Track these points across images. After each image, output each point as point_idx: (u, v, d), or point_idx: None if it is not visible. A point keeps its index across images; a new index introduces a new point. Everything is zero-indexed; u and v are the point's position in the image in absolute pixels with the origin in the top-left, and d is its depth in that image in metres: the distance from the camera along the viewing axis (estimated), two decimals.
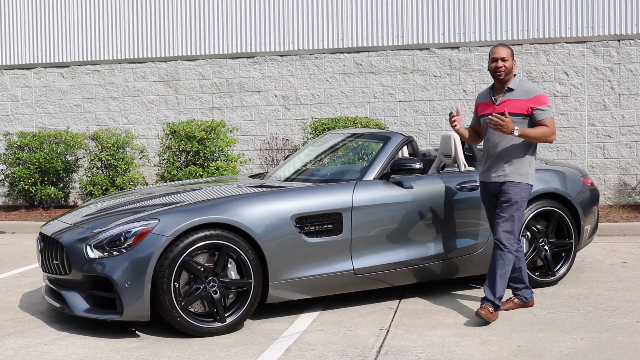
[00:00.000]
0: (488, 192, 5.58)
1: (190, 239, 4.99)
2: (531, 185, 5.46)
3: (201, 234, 5.03)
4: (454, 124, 5.54)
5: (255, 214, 5.21)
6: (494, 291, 5.32)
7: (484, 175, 5.57)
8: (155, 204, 5.52)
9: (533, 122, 5.37)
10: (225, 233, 5.09)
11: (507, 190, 5.38)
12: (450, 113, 5.59)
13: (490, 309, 5.27)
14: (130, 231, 5.01)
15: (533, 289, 6.16)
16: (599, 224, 9.23)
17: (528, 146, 5.42)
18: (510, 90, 5.43)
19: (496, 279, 5.32)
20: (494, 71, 5.44)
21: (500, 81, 5.46)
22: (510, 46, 5.54)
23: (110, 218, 5.37)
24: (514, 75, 5.50)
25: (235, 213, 5.15)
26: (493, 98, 5.51)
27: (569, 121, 10.98)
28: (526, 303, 5.61)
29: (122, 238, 5.01)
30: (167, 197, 5.69)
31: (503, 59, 5.41)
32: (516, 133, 5.27)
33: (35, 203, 11.94)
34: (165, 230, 4.96)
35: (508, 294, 5.74)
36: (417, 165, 5.63)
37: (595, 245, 8.39)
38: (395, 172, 5.74)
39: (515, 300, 5.61)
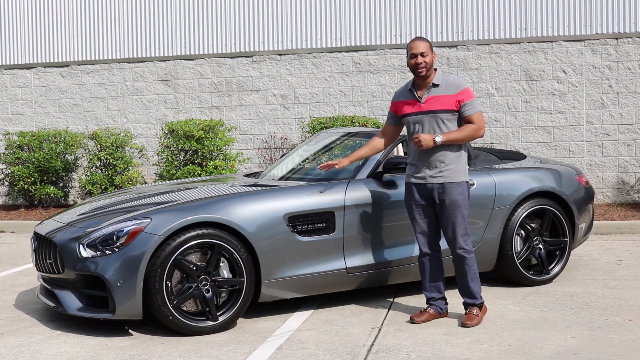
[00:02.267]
0: (421, 195, 5.24)
1: (182, 238, 5.01)
2: (468, 182, 5.23)
3: (193, 233, 5.04)
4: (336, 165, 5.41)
5: (248, 213, 5.22)
6: (472, 295, 5.27)
7: (415, 177, 5.24)
8: (148, 203, 5.54)
9: (461, 118, 5.15)
10: (217, 232, 5.10)
11: (449, 192, 5.12)
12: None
13: (475, 311, 5.23)
14: (123, 230, 5.03)
15: (528, 287, 6.19)
16: (597, 222, 9.28)
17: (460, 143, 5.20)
18: (435, 85, 5.13)
19: (469, 285, 5.25)
20: (414, 67, 5.12)
21: (422, 77, 5.14)
22: (428, 39, 5.23)
23: (103, 217, 5.39)
24: (435, 70, 5.18)
25: (227, 212, 5.16)
26: (417, 95, 5.19)
27: (567, 119, 10.98)
28: (441, 314, 5.38)
29: (114, 237, 5.03)
30: (160, 197, 5.71)
31: (422, 54, 5.09)
32: (439, 140, 5.05)
33: (35, 202, 11.97)
34: (157, 229, 4.97)
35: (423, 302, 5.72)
36: None
37: (592, 243, 8.39)
38: (388, 171, 5.74)
39: (431, 310, 5.33)
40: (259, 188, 5.68)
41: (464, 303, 5.33)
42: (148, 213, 5.14)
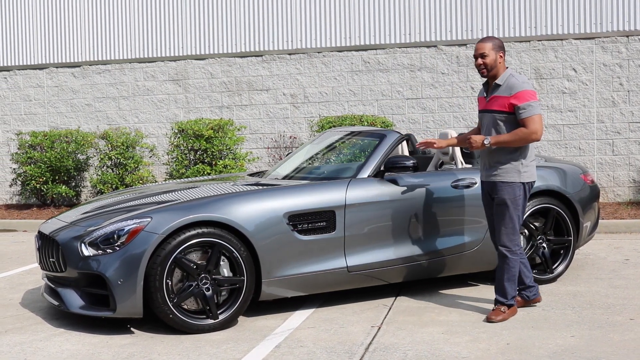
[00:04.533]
0: (484, 192, 5.51)
1: (183, 236, 5.04)
2: (525, 183, 5.25)
3: (193, 232, 5.07)
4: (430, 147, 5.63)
5: (248, 212, 5.25)
6: (504, 294, 5.32)
7: (481, 175, 5.52)
8: (150, 202, 5.58)
9: (517, 120, 5.18)
10: (217, 231, 5.13)
11: (500, 191, 5.26)
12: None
13: (503, 308, 5.29)
14: (123, 229, 5.07)
15: None
16: (606, 221, 9.23)
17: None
18: (498, 85, 5.26)
19: (504, 284, 5.31)
20: (477, 68, 5.32)
21: (487, 77, 5.32)
22: (494, 39, 5.29)
23: (105, 216, 5.43)
24: (506, 68, 5.30)
25: (227, 211, 5.19)
26: (485, 93, 5.41)
27: (578, 118, 10.91)
28: (529, 300, 5.52)
29: (115, 236, 5.07)
30: (162, 196, 5.75)
31: (482, 55, 5.23)
32: (487, 142, 5.18)
33: (47, 202, 12.08)
34: (157, 228, 5.01)
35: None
36: (410, 163, 5.64)
37: (600, 242, 8.35)
38: (389, 170, 5.75)
39: (518, 298, 5.50)
40: (260, 187, 5.70)
41: (495, 300, 5.38)
42: (148, 212, 5.18)
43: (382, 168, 5.84)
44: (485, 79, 5.40)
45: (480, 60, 5.25)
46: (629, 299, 5.79)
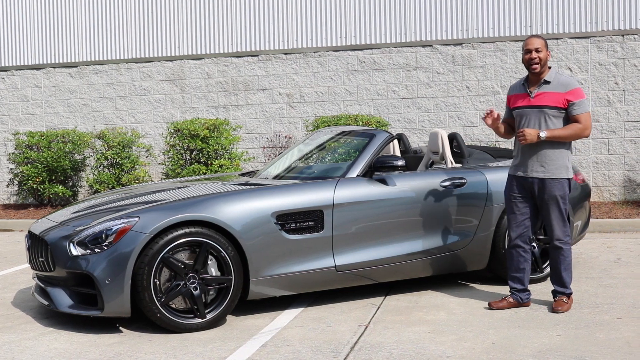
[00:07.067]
0: (521, 187, 5.48)
1: (170, 236, 5.06)
2: (570, 178, 5.38)
3: (181, 232, 5.09)
4: (487, 120, 5.47)
5: (235, 212, 5.26)
6: (564, 284, 5.48)
7: (517, 170, 5.49)
8: (139, 202, 5.60)
9: (568, 117, 5.29)
10: (205, 230, 5.15)
11: (549, 188, 5.33)
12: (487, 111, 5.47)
13: (565, 299, 5.45)
14: (111, 229, 5.09)
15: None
16: (600, 220, 9.24)
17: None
18: (547, 82, 5.33)
19: (562, 274, 5.46)
20: (528, 63, 5.34)
21: (535, 73, 5.36)
22: (543, 37, 5.40)
23: (94, 216, 5.45)
24: (549, 67, 5.40)
25: (214, 211, 5.21)
26: (528, 90, 5.40)
27: None
28: (521, 303, 5.56)
29: (103, 235, 5.09)
30: (151, 195, 5.77)
31: (537, 50, 5.31)
32: (543, 136, 5.24)
33: (44, 202, 12.11)
34: (145, 228, 5.03)
35: (504, 291, 5.76)
36: (399, 163, 5.65)
37: (594, 241, 8.35)
38: (378, 169, 5.76)
39: (510, 299, 5.56)
40: (248, 187, 5.72)
41: (553, 291, 5.54)
42: (136, 212, 5.20)
43: (371, 168, 5.85)
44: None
45: (534, 54, 5.32)
46: (617, 298, 5.80)
